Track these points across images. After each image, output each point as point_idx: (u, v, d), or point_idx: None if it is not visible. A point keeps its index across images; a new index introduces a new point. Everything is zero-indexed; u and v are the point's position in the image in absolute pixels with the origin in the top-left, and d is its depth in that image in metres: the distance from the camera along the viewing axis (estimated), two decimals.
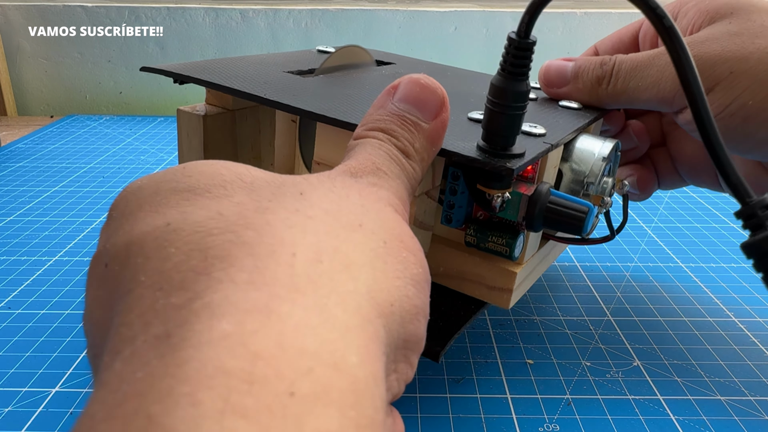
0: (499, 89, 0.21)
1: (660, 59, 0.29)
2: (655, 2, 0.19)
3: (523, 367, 0.29)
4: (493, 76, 0.23)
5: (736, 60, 0.27)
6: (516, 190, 0.24)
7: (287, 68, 0.32)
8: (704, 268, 0.41)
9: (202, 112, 0.31)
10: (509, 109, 0.21)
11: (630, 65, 0.30)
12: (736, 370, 0.30)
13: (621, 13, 0.83)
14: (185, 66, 0.30)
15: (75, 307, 0.34)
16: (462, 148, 0.22)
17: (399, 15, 0.83)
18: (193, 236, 0.14)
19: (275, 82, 0.29)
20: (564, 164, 0.29)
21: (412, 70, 0.37)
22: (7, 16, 0.80)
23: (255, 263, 0.13)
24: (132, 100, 0.85)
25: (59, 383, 0.28)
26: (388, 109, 0.20)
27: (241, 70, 0.31)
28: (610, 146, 0.28)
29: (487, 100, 0.22)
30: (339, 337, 0.13)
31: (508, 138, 0.22)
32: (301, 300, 0.13)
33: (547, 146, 0.24)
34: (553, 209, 0.24)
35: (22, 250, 0.41)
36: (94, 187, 0.54)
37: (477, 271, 0.26)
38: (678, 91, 0.28)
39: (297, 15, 0.82)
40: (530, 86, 0.22)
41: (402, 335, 0.15)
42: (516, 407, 0.27)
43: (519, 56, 0.21)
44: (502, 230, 0.25)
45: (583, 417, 0.26)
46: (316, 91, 0.28)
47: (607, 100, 0.31)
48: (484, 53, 0.85)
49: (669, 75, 0.28)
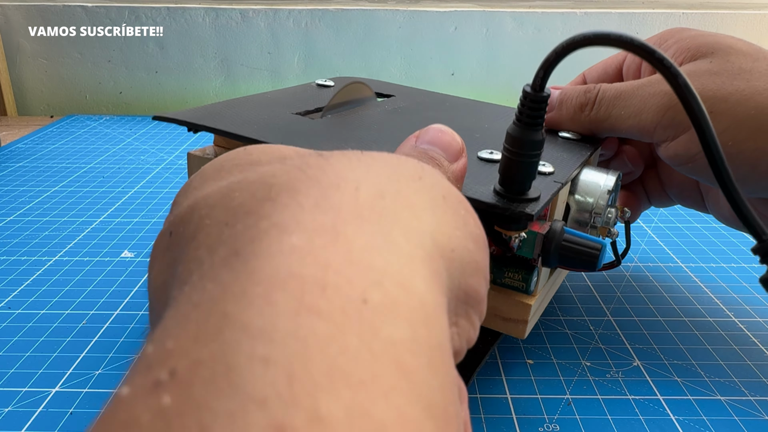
0: (515, 138, 0.22)
1: (643, 90, 0.30)
2: (660, 53, 0.20)
3: (523, 367, 0.29)
4: (489, 104, 0.23)
5: (716, 99, 0.28)
6: (530, 229, 0.25)
7: (294, 109, 0.33)
8: (704, 268, 0.41)
9: (211, 156, 0.32)
10: (525, 157, 0.22)
11: (613, 93, 0.31)
12: (736, 370, 0.30)
13: (621, 13, 0.83)
14: (196, 113, 0.31)
15: (75, 307, 0.34)
16: (480, 193, 0.24)
17: (399, 15, 0.83)
18: (258, 180, 0.14)
19: (286, 126, 0.30)
20: (570, 197, 0.30)
21: (413, 102, 0.38)
22: (7, 16, 0.80)
23: (320, 192, 0.14)
24: (132, 100, 0.85)
25: (59, 383, 0.28)
26: (414, 149, 0.21)
27: (251, 114, 0.32)
28: (614, 179, 0.30)
29: (503, 147, 0.23)
30: (405, 263, 0.13)
31: (524, 183, 0.23)
32: (367, 226, 0.13)
33: (559, 185, 0.25)
34: (568, 247, 0.25)
35: (22, 250, 0.41)
36: (94, 187, 0.54)
37: (492, 303, 0.27)
38: (658, 123, 0.29)
39: (297, 15, 0.82)
40: (544, 135, 0.23)
41: (463, 287, 0.15)
42: (516, 407, 0.27)
43: (534, 108, 0.22)
44: (517, 266, 0.26)
45: (583, 417, 0.26)
46: (327, 134, 0.29)
47: (590, 126, 0.32)
48: (484, 53, 0.85)
49: (651, 106, 0.29)
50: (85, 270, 0.38)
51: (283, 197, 0.13)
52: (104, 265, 0.39)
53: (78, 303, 0.35)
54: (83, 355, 0.30)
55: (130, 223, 0.46)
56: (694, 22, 0.83)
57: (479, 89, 0.86)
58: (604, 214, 0.29)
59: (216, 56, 0.83)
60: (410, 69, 0.86)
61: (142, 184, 0.54)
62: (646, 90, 0.30)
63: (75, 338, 0.31)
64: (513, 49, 0.84)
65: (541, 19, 0.83)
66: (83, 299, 0.35)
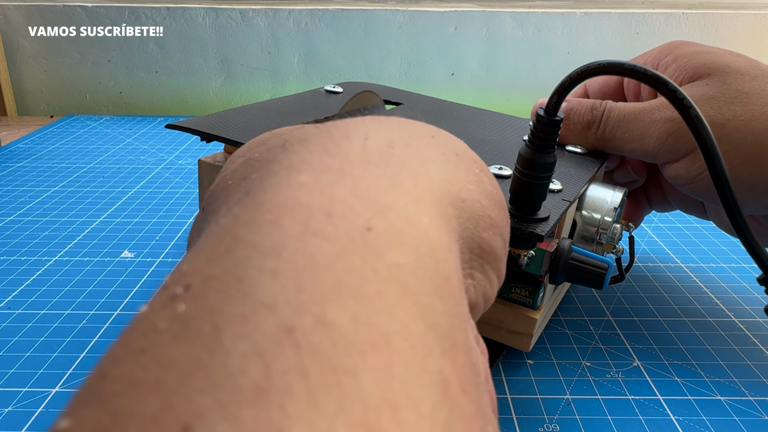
0: (528, 161, 0.23)
1: (646, 116, 0.30)
2: (673, 84, 0.20)
3: (523, 368, 0.29)
4: (496, 113, 0.23)
5: (714, 125, 0.28)
6: (538, 247, 0.25)
7: (304, 117, 0.34)
8: (704, 268, 0.41)
9: (221, 163, 0.33)
10: (537, 179, 0.23)
11: (618, 115, 0.31)
12: (736, 370, 0.30)
13: (621, 13, 0.83)
14: (208, 122, 0.32)
15: (75, 307, 0.34)
16: None
17: (399, 15, 0.83)
18: (276, 140, 0.16)
19: None
20: (576, 213, 0.30)
21: (421, 110, 0.38)
22: (7, 16, 0.80)
23: (330, 140, 0.14)
24: (132, 100, 0.85)
25: (59, 383, 0.28)
26: None
27: (262, 123, 0.32)
28: (621, 195, 0.30)
29: (515, 169, 0.23)
30: (410, 202, 0.13)
31: (535, 204, 0.23)
32: (373, 169, 0.13)
33: (567, 204, 0.26)
34: (575, 266, 0.26)
35: (22, 250, 0.41)
36: (94, 187, 0.54)
37: (498, 317, 0.27)
38: (661, 148, 0.30)
39: (297, 15, 0.82)
40: (556, 157, 0.23)
41: (476, 239, 0.15)
42: (516, 407, 0.27)
43: (547, 131, 0.22)
44: (524, 282, 0.27)
45: (583, 417, 0.26)
46: None
47: (596, 144, 0.32)
48: (484, 53, 0.85)
49: (654, 132, 0.30)
50: (85, 270, 0.38)
51: (294, 146, 0.14)
52: (104, 265, 0.39)
53: (78, 303, 0.35)
54: (83, 355, 0.30)
55: (130, 223, 0.46)
56: (694, 22, 0.83)
57: (479, 89, 0.86)
58: (610, 231, 0.30)
59: (216, 56, 0.83)
60: (410, 69, 0.85)
61: (142, 184, 0.54)
62: (650, 116, 0.30)
63: (75, 338, 0.31)
64: (513, 49, 0.84)
65: (541, 19, 0.83)
66: (83, 299, 0.35)
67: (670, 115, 0.29)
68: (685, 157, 0.30)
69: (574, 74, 0.21)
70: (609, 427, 0.26)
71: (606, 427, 0.26)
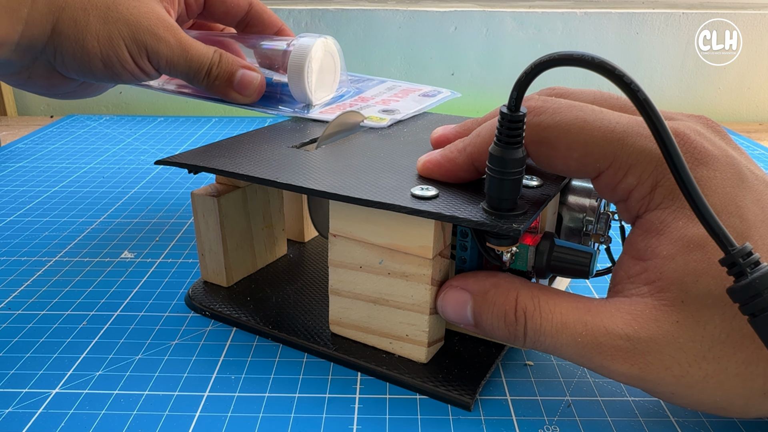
0: (497, 158, 0.23)
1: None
2: (629, 77, 0.21)
3: (522, 369, 0.30)
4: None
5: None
6: (522, 242, 0.26)
7: (290, 142, 0.35)
8: None
9: (215, 194, 0.33)
10: (509, 175, 0.23)
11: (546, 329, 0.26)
12: None
13: (621, 13, 0.83)
14: (196, 155, 0.32)
15: (75, 307, 0.34)
16: (469, 212, 0.24)
17: (399, 15, 0.83)
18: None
19: (282, 159, 0.31)
20: (561, 207, 0.30)
21: (404, 124, 0.40)
22: None
23: None
24: (132, 100, 0.85)
25: (59, 384, 0.28)
26: None
27: (248, 152, 0.33)
28: None
29: (487, 167, 0.24)
30: None
31: (510, 200, 0.24)
32: None
33: (546, 198, 0.26)
34: (559, 257, 0.26)
35: (22, 250, 0.41)
36: (94, 187, 0.54)
37: None
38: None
39: (297, 15, 0.82)
40: (525, 152, 0.24)
41: None
42: (516, 409, 0.27)
43: (512, 128, 0.23)
44: None
45: (583, 418, 0.26)
46: (324, 165, 0.30)
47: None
48: (484, 53, 0.85)
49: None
50: (85, 270, 0.38)
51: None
52: (104, 265, 0.39)
53: (78, 303, 0.35)
54: (83, 356, 0.30)
55: (130, 223, 0.46)
56: (694, 22, 0.83)
57: (479, 89, 0.86)
58: (596, 221, 0.30)
59: None
60: (410, 69, 0.86)
61: (142, 184, 0.54)
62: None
63: (75, 339, 0.31)
64: (513, 49, 0.84)
65: (541, 19, 0.83)
66: (83, 300, 0.35)
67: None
68: None
69: (529, 69, 0.22)
70: (609, 428, 0.26)
71: (606, 428, 0.26)
